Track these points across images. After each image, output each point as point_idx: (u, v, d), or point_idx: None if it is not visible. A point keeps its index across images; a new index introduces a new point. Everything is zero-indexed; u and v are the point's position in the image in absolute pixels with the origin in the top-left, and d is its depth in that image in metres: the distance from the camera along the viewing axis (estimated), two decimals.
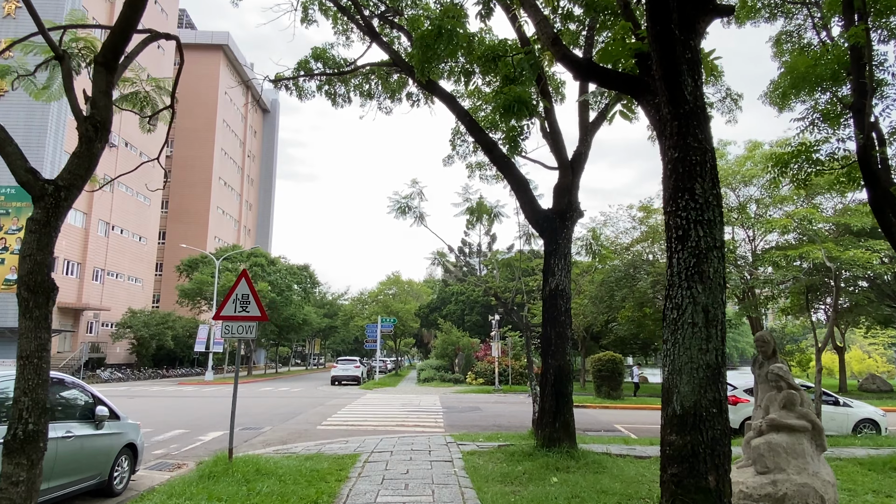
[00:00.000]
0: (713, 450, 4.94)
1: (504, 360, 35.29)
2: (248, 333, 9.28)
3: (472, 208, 17.67)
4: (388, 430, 15.30)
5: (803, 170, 11.10)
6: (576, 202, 10.99)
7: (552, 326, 10.33)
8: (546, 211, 10.97)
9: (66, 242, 44.50)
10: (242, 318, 9.28)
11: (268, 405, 22.10)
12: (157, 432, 14.15)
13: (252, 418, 17.48)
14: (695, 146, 5.54)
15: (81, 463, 7.23)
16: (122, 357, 50.97)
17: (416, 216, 16.74)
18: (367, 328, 43.85)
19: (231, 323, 9.30)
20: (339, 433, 14.54)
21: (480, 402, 24.56)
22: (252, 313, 9.27)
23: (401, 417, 18.23)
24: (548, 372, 10.21)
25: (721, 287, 5.27)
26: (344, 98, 16.21)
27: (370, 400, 25.25)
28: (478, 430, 15.36)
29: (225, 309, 9.28)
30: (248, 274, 9.44)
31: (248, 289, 9.31)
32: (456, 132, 17.87)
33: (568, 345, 10.32)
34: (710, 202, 5.41)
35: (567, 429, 9.99)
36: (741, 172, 30.80)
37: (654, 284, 29.43)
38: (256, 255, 49.98)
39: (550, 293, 10.48)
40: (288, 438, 13.61)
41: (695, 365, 5.05)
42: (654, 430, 16.66)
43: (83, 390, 7.72)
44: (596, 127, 11.64)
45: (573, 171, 10.97)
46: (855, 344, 64.11)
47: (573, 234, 11.12)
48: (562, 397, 10.06)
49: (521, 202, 11.26)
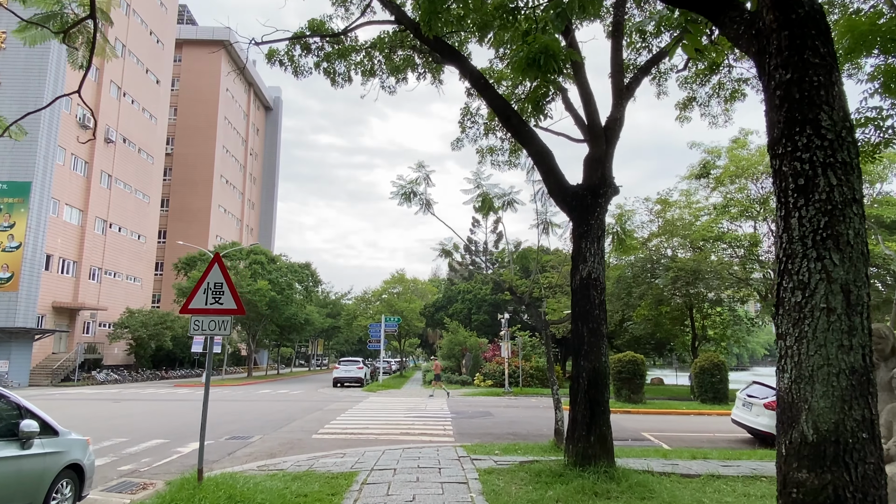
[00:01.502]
0: (865, 494, 3.34)
1: (514, 360, 33.66)
2: (222, 329, 7.72)
3: (484, 195, 16.13)
4: (392, 439, 13.73)
5: (871, 141, 9.57)
6: (610, 176, 9.40)
7: (584, 322, 8.73)
8: (575, 187, 9.38)
9: (61, 240, 43.16)
10: (215, 312, 7.71)
11: (262, 410, 20.54)
12: (132, 443, 12.61)
13: (242, 425, 15.91)
14: (815, 62, 3.93)
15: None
16: (121, 358, 49.56)
17: (422, 203, 15.19)
18: (371, 328, 42.26)
19: (201, 317, 7.74)
20: (336, 443, 12.97)
21: (491, 406, 22.96)
22: (227, 306, 7.71)
23: (406, 424, 16.65)
24: (580, 376, 8.61)
25: (864, 258, 3.66)
26: (344, 77, 14.67)
27: (373, 404, 23.69)
28: (492, 440, 13.77)
29: (194, 300, 7.71)
30: (221, 259, 7.86)
31: (221, 276, 7.74)
32: (465, 112, 16.35)
33: (604, 343, 8.72)
34: (843, 139, 3.79)
35: (604, 443, 8.39)
36: (765, 163, 29.03)
37: (675, 280, 27.79)
38: (256, 253, 48.47)
39: (581, 283, 8.88)
40: (278, 450, 12.04)
41: (834, 369, 3.46)
42: (685, 438, 15.02)
43: (3, 399, 6.14)
44: (632, 90, 10.07)
45: (607, 141, 9.38)
46: None
47: (606, 214, 9.51)
48: (597, 405, 8.46)
49: (545, 177, 9.67)
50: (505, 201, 16.45)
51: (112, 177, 49.01)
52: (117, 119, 49.96)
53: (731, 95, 14.61)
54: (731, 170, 30.05)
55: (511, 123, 9.87)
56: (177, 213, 67.59)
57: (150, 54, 56.13)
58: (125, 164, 51.10)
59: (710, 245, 29.78)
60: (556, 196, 9.60)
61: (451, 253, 17.07)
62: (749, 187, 30.80)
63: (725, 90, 14.61)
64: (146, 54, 55.12)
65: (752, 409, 14.45)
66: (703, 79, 14.46)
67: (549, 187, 9.67)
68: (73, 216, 45.19)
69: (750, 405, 14.55)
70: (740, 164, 29.77)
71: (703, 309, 33.12)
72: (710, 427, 17.66)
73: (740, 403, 15.11)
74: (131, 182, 52.15)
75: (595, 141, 9.34)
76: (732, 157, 30.22)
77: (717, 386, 22.88)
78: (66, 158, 43.91)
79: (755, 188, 30.71)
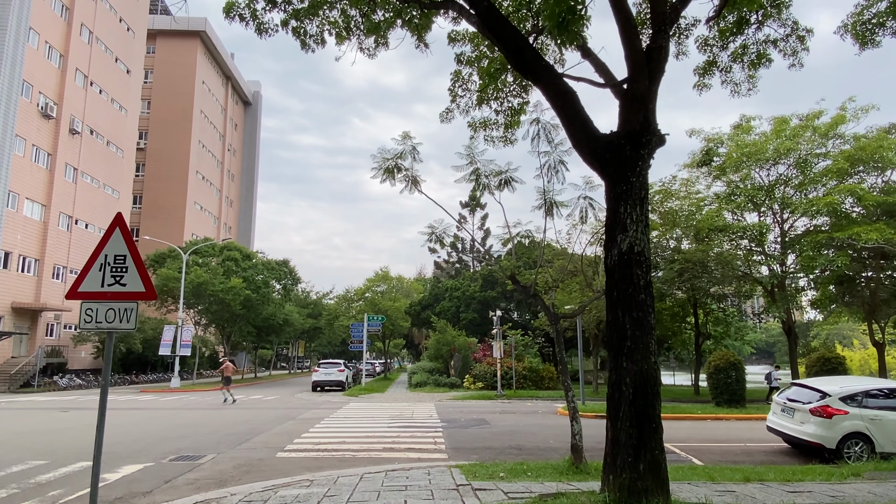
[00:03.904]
0: None
1: (507, 361, 31.46)
2: (126, 322, 5.44)
3: (477, 172, 13.93)
4: (373, 456, 11.47)
5: None
6: (654, 122, 7.24)
7: (626, 310, 6.55)
8: (610, 135, 7.20)
9: (21, 237, 40.28)
10: (115, 297, 5.43)
11: (224, 420, 18.11)
12: (50, 467, 10.21)
13: (194, 441, 13.50)
14: None
15: None
16: (87, 362, 46.69)
17: (407, 180, 12.97)
18: (353, 327, 39.80)
19: (95, 304, 5.46)
20: (305, 464, 10.67)
21: (485, 413, 20.73)
22: (131, 287, 5.43)
23: (390, 436, 14.37)
24: (622, 382, 6.41)
25: None
26: (316, 39, 12.35)
27: (353, 411, 21.37)
28: (492, 456, 11.56)
29: (86, 281, 5.43)
30: (123, 220, 5.57)
31: (124, 247, 5.47)
32: (456, 78, 14.12)
33: (652, 338, 6.54)
34: None
35: (657, 473, 6.20)
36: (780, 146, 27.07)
37: (682, 273, 25.77)
38: (230, 249, 45.78)
39: (621, 258, 6.71)
40: (230, 475, 9.71)
41: None
42: (714, 450, 12.92)
43: None
44: (677, 13, 7.93)
45: (650, 75, 7.21)
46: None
47: (648, 171, 7.31)
48: (647, 422, 6.27)
49: (569, 125, 7.49)
50: (502, 179, 14.23)
51: (78, 170, 46.13)
52: (83, 109, 47.08)
53: (757, 59, 12.55)
54: (735, 156, 28.16)
55: (524, 58, 7.67)
56: (150, 210, 64.72)
57: (120, 42, 53.25)
58: (92, 157, 48.22)
59: (715, 236, 27.77)
60: (583, 149, 7.41)
61: (442, 239, 14.79)
62: (753, 175, 28.95)
63: (750, 53, 12.58)
64: (115, 42, 52.23)
65: (794, 416, 12.38)
66: (726, 41, 12.43)
67: (575, 138, 7.48)
68: (35, 211, 42.31)
69: (792, 411, 12.48)
70: (745, 151, 27.88)
71: (706, 305, 31.22)
72: (735, 434, 15.59)
73: (778, 409, 13.04)
74: (99, 176, 49.28)
75: (636, 71, 7.16)
76: (738, 142, 28.33)
77: (732, 387, 20.80)
78: (27, 149, 41.03)
79: (760, 176, 28.85)
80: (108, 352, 5.71)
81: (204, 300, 41.49)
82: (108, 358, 5.67)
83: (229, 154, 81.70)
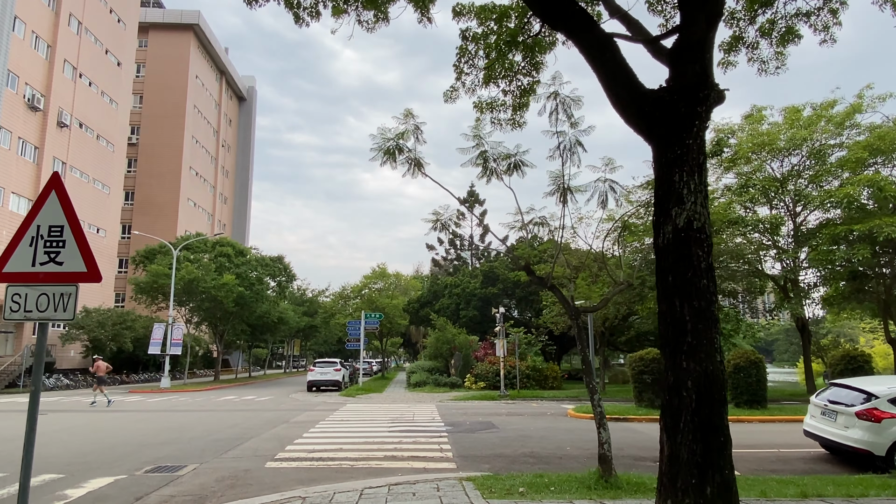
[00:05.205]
0: None
1: (510, 360, 30.30)
2: (61, 310, 4.27)
3: (485, 154, 12.76)
4: (374, 466, 10.30)
5: None
6: (712, 74, 6.08)
7: (685, 298, 5.41)
8: (659, 90, 6.04)
9: (6, 233, 38.92)
10: (49, 279, 4.25)
11: (212, 423, 16.89)
12: (7, 480, 9.01)
13: (177, 448, 12.29)
14: None
15: None
16: (76, 362, 45.42)
17: (410, 162, 11.76)
18: (349, 325, 38.57)
19: (24, 288, 4.27)
20: (297, 475, 9.49)
21: (491, 414, 19.57)
22: (70, 267, 4.25)
23: (391, 442, 13.20)
24: (682, 385, 5.26)
25: None
26: (311, 12, 11.16)
27: (351, 413, 20.19)
28: (506, 465, 10.40)
29: (12, 259, 4.24)
30: (61, 181, 4.41)
31: (62, 215, 4.29)
32: (462, 53, 12.95)
33: (717, 333, 5.40)
34: None
35: (727, 497, 5.06)
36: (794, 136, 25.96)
37: None
38: (222, 245, 44.47)
39: (676, 236, 5.56)
40: (211, 490, 8.53)
41: None
42: (748, 457, 11.75)
43: None
44: None
45: (708, 17, 6.06)
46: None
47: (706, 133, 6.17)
48: (713, 435, 5.14)
49: (609, 81, 6.31)
50: (511, 163, 12.99)
51: (66, 164, 44.80)
52: (72, 101, 45.76)
53: (787, 34, 11.41)
54: (748, 146, 27.08)
55: (553, 2, 6.50)
56: (142, 207, 63.39)
57: (110, 34, 51.88)
58: (81, 151, 46.91)
59: (727, 229, 26.66)
60: (626, 110, 6.23)
61: (447, 226, 13.57)
62: (766, 167, 27.87)
63: (779, 28, 11.44)
64: (106, 34, 50.87)
65: (836, 420, 11.25)
66: (754, 13, 11.29)
67: (616, 96, 6.30)
68: (21, 206, 41.01)
69: (834, 414, 11.35)
70: (758, 140, 26.79)
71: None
72: (764, 439, 14.45)
73: (818, 412, 11.91)
74: (89, 171, 47.96)
75: (691, 14, 6.01)
76: (752, 131, 27.25)
77: (753, 387, 19.67)
78: (13, 142, 39.73)
79: (772, 167, 27.76)
80: (39, 350, 4.48)
81: (196, 297, 40.22)
82: (41, 357, 4.45)
83: (223, 150, 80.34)
